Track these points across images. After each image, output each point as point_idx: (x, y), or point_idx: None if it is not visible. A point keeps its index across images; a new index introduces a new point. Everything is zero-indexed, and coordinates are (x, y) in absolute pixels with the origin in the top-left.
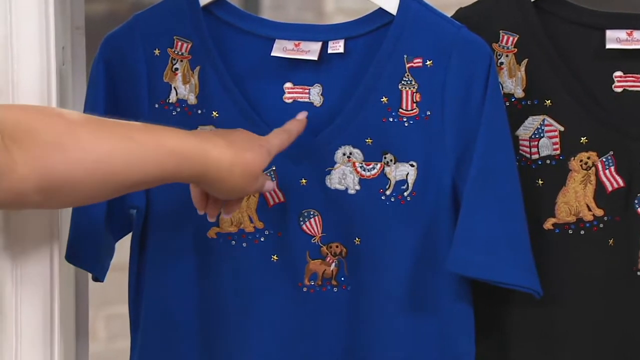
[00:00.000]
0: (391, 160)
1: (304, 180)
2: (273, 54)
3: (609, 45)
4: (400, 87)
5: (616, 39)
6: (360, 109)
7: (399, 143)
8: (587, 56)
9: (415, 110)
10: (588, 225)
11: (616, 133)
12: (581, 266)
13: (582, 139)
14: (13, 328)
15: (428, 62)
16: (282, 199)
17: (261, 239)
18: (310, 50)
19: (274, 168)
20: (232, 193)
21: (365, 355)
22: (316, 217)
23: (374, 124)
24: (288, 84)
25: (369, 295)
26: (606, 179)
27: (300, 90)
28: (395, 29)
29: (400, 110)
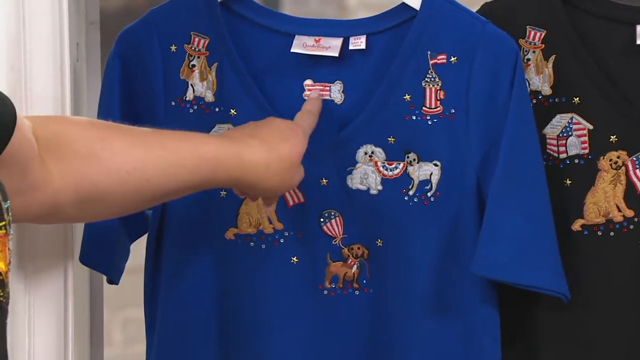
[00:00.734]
0: (414, 160)
1: (324, 180)
2: (293, 50)
3: (639, 41)
4: (423, 85)
5: None
6: (382, 106)
7: (423, 142)
8: (617, 52)
9: (439, 108)
10: (618, 226)
11: None
12: (611, 269)
13: (612, 137)
14: (26, 332)
15: (452, 59)
16: (302, 199)
17: (280, 241)
18: (331, 47)
19: None
20: (277, 190)
21: None
22: (337, 218)
23: (397, 122)
24: (308, 81)
25: (392, 299)
26: (637, 179)
27: (321, 87)
28: (418, 24)
29: (423, 108)
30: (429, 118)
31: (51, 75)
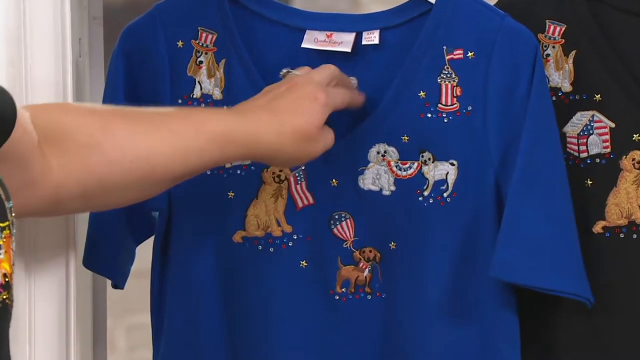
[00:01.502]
0: (429, 159)
1: (334, 181)
2: (303, 45)
3: None
4: (439, 81)
5: None
6: (396, 104)
7: (438, 140)
8: None
9: (455, 105)
10: None
11: None
12: (633, 272)
13: (635, 136)
14: (27, 338)
15: (469, 54)
16: (312, 200)
17: (289, 244)
18: (343, 42)
19: (303, 168)
20: (294, 161)
21: None
22: (348, 220)
23: (411, 120)
24: None
25: (406, 304)
26: None
27: None
28: (434, 18)
29: (439, 105)
30: (444, 115)
31: (52, 71)
